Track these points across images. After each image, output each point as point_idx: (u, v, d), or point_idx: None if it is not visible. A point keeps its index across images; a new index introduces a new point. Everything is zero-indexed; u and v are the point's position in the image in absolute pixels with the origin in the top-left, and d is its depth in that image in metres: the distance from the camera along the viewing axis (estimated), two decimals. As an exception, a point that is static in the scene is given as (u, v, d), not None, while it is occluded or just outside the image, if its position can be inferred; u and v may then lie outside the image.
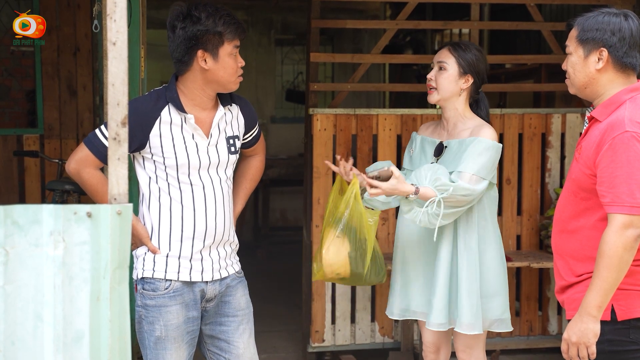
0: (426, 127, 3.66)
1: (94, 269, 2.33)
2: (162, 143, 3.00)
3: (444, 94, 3.46)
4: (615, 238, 2.55)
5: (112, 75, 2.34)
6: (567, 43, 2.80)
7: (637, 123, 2.59)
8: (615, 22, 2.69)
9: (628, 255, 2.56)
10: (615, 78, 2.71)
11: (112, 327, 2.35)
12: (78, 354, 2.33)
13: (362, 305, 5.15)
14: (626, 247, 2.55)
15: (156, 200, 3.06)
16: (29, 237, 2.29)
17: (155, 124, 3.00)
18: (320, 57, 5.12)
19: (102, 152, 2.96)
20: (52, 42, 6.27)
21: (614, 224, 2.56)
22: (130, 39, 4.10)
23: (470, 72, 3.45)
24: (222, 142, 3.12)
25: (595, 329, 2.60)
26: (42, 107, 6.33)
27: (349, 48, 10.21)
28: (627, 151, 2.56)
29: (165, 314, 3.04)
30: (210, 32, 2.96)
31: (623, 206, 2.55)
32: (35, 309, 2.31)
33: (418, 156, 3.57)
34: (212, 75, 3.01)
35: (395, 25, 5.24)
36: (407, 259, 3.59)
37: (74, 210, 2.30)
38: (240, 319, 3.20)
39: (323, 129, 4.96)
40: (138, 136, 2.97)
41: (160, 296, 3.04)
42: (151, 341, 3.06)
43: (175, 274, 3.05)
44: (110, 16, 2.33)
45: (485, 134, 3.37)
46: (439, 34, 9.90)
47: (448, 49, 3.49)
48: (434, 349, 3.63)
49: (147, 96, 3.09)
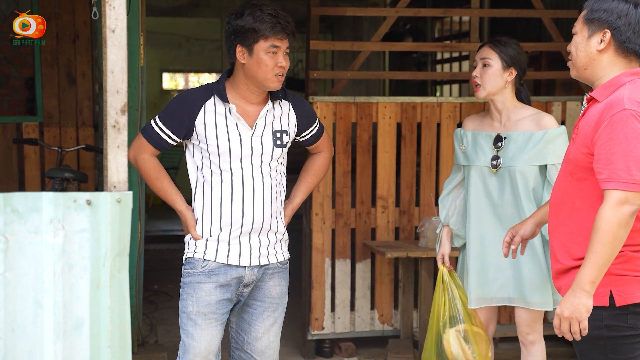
0: (471, 121, 3.76)
1: (93, 256, 2.33)
2: (206, 130, 3.13)
3: (490, 89, 3.59)
4: (611, 214, 2.55)
5: (111, 63, 2.33)
6: (575, 24, 2.79)
7: (637, 102, 2.59)
8: (624, 7, 2.70)
9: (623, 232, 2.56)
10: (616, 62, 2.72)
11: (112, 314, 2.35)
12: (78, 341, 2.34)
13: (361, 293, 5.16)
14: (621, 223, 2.55)
15: (201, 188, 3.19)
16: (28, 225, 2.29)
17: (200, 112, 3.13)
18: (320, 45, 5.11)
19: (154, 139, 3.17)
20: (51, 29, 6.24)
21: (610, 200, 2.57)
22: (129, 26, 4.07)
23: (514, 65, 3.59)
24: (268, 134, 3.20)
25: (587, 304, 2.59)
26: (42, 94, 6.31)
27: (348, 36, 10.19)
28: (625, 128, 2.56)
29: (199, 290, 3.15)
30: (247, 27, 3.07)
31: (619, 182, 2.55)
32: (35, 296, 2.31)
33: (473, 150, 3.67)
34: (248, 70, 3.12)
35: (395, 13, 5.23)
36: (486, 247, 3.67)
37: (73, 198, 2.30)
38: (267, 305, 3.29)
39: (323, 117, 4.96)
40: (185, 123, 3.13)
41: (195, 274, 3.17)
42: (184, 318, 3.18)
43: (213, 255, 3.17)
44: (110, 3, 2.32)
45: (549, 123, 3.55)
46: (439, 22, 9.88)
47: (489, 46, 3.64)
48: (485, 325, 3.74)
49: (197, 88, 3.27)
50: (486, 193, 3.62)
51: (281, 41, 3.10)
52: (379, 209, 5.10)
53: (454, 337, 3.71)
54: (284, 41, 3.10)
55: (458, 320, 3.71)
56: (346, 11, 5.26)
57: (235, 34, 3.10)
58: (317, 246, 5.03)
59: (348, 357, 5.10)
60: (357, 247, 5.12)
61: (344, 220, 5.07)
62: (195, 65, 13.14)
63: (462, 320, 3.71)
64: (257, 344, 3.30)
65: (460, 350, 3.70)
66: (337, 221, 5.05)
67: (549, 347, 5.20)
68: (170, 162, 11.30)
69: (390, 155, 5.09)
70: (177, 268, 3.47)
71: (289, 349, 5.22)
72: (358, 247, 5.11)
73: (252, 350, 3.31)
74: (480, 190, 3.63)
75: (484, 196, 3.62)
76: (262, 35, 3.06)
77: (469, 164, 3.68)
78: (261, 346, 3.31)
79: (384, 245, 4.91)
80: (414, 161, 5.15)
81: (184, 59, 12.92)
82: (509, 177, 3.55)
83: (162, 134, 3.16)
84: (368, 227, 5.11)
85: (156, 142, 3.18)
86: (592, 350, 2.70)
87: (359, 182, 5.10)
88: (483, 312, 3.72)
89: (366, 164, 5.10)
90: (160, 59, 12.47)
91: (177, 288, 3.30)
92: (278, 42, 3.09)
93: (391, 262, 5.13)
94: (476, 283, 3.66)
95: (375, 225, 5.11)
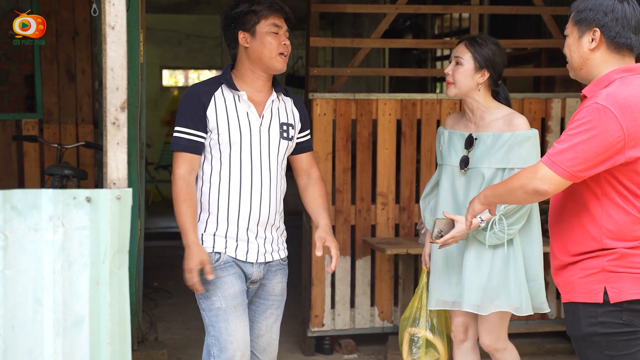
0: (451, 119, 3.70)
1: (93, 253, 2.33)
2: (218, 119, 3.12)
3: (461, 88, 3.51)
4: (524, 177, 2.69)
5: (111, 60, 2.33)
6: (566, 26, 2.81)
7: (613, 99, 2.60)
8: (609, 3, 2.71)
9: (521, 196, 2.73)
10: (609, 58, 2.73)
11: (112, 311, 2.35)
12: (78, 338, 2.34)
13: (361, 290, 5.16)
14: (523, 188, 2.69)
15: (208, 181, 3.15)
16: (28, 222, 2.29)
17: (211, 102, 3.13)
18: (320, 42, 5.10)
19: (185, 145, 3.10)
20: (51, 26, 6.24)
21: (533, 168, 2.67)
22: (129, 23, 4.06)
23: (487, 67, 3.49)
24: (275, 125, 3.21)
25: (475, 207, 2.94)
26: (41, 91, 6.31)
27: (348, 32, 10.18)
28: (586, 118, 2.60)
29: (221, 284, 3.10)
30: (245, 11, 3.13)
31: (549, 159, 2.63)
32: (35, 293, 2.31)
33: (447, 149, 3.62)
34: (253, 53, 3.14)
35: (395, 10, 5.22)
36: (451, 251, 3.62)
37: (73, 195, 2.30)
38: (270, 303, 3.29)
39: (323, 114, 4.96)
40: (200, 116, 3.11)
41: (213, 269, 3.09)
42: (212, 316, 3.12)
43: (222, 247, 3.14)
44: (109, 0, 2.32)
45: (519, 125, 3.44)
46: (439, 19, 9.87)
47: (465, 44, 3.54)
48: (463, 329, 3.69)
49: (202, 81, 3.27)
50: (453, 194, 3.56)
51: (280, 20, 3.15)
52: (379, 205, 5.10)
53: (407, 340, 3.75)
54: (282, 21, 3.16)
55: (416, 323, 3.72)
56: (346, 8, 5.26)
57: (235, 21, 3.14)
58: (317, 243, 5.02)
59: (348, 354, 5.10)
60: (357, 244, 5.11)
61: (344, 217, 5.06)
62: (195, 62, 13.14)
63: (418, 324, 3.70)
64: (259, 342, 3.30)
65: (407, 353, 3.75)
66: (337, 218, 5.05)
67: (549, 343, 5.23)
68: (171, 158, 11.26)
69: (390, 152, 5.09)
70: (177, 265, 3.46)
71: (289, 345, 5.23)
72: (358, 244, 5.11)
73: (254, 347, 3.29)
74: (448, 191, 3.58)
75: (451, 197, 3.56)
76: (262, 15, 3.12)
77: (443, 163, 3.63)
78: (263, 343, 3.30)
79: (384, 242, 4.91)
80: (413, 158, 5.15)
81: (184, 56, 12.92)
82: (475, 179, 3.48)
83: (189, 136, 3.10)
84: (368, 224, 5.11)
85: (188, 147, 3.10)
86: (588, 347, 2.72)
87: (358, 179, 5.10)
88: (459, 315, 3.65)
89: (366, 161, 5.10)
90: (160, 55, 12.47)
91: (177, 285, 3.31)
92: (278, 21, 3.15)
93: (391, 259, 5.13)
94: (437, 283, 3.61)
95: (375, 222, 5.11)
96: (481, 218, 3.37)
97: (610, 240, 2.68)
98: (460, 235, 3.37)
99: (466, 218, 3.04)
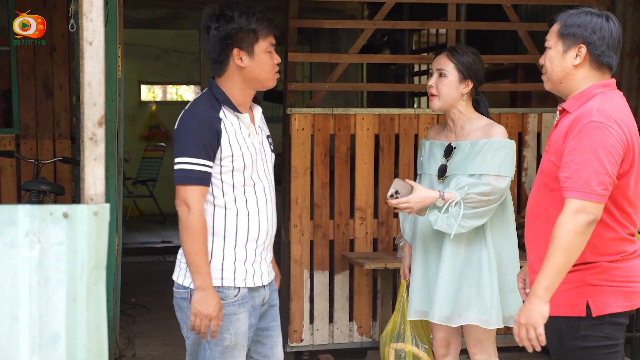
0: (433, 130, 3.72)
1: (70, 269, 2.31)
2: (232, 146, 2.95)
3: (446, 100, 3.52)
4: (567, 222, 2.58)
5: (89, 75, 2.32)
6: (547, 37, 2.82)
7: (605, 114, 2.63)
8: (597, 21, 2.73)
9: (578, 240, 2.58)
10: (590, 75, 2.75)
11: (89, 327, 2.33)
12: (54, 355, 2.32)
13: (340, 305, 5.16)
14: (576, 231, 2.57)
15: (221, 207, 2.98)
16: (4, 238, 2.27)
17: (223, 130, 2.95)
18: (298, 57, 5.12)
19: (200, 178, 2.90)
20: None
21: (568, 208, 2.60)
22: (107, 38, 4.08)
23: (470, 77, 3.51)
24: (265, 140, 3.13)
25: (542, 310, 2.59)
26: (18, 106, 6.26)
27: (326, 48, 10.21)
28: (590, 139, 2.60)
29: (236, 322, 2.97)
30: (244, 29, 2.95)
31: (578, 192, 2.58)
32: (10, 309, 2.29)
33: (427, 159, 3.64)
34: (249, 73, 3.00)
35: (372, 25, 5.25)
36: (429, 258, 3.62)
37: (50, 211, 2.29)
38: (276, 323, 3.20)
39: (301, 129, 4.97)
40: (213, 146, 2.92)
41: (229, 304, 2.95)
42: (216, 351, 2.97)
43: (242, 280, 2.98)
44: (87, 15, 2.32)
45: (496, 133, 3.46)
46: (416, 34, 9.92)
47: (446, 54, 3.54)
48: (444, 343, 3.67)
49: (201, 105, 3.01)
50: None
51: (275, 38, 3.04)
52: (357, 220, 5.11)
53: (392, 356, 3.75)
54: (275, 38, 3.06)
55: (400, 338, 3.72)
56: (324, 23, 5.28)
57: (231, 38, 2.95)
58: (296, 258, 5.02)
59: (327, 369, 5.09)
60: (335, 259, 5.12)
61: (322, 231, 5.07)
62: (174, 77, 13.12)
63: (402, 338, 3.71)
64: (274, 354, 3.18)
65: None
66: (316, 233, 5.06)
67: (527, 357, 5.24)
68: (149, 173, 11.25)
69: (368, 167, 5.11)
70: (155, 280, 3.45)
71: (268, 361, 5.21)
72: (336, 259, 5.11)
73: None
74: None
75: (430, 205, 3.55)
76: (262, 35, 2.97)
77: (422, 172, 3.66)
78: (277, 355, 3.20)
79: (363, 257, 4.92)
80: (392, 172, 5.17)
81: (162, 71, 12.89)
82: None
83: (202, 167, 2.90)
84: (346, 239, 5.11)
85: (203, 180, 2.91)
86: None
87: (337, 194, 5.11)
88: (441, 330, 3.65)
89: (344, 176, 5.11)
90: (138, 70, 12.43)
91: (155, 301, 3.28)
92: (273, 39, 3.03)
93: (369, 274, 5.13)
94: (416, 294, 3.62)
95: (354, 237, 5.12)
96: (443, 194, 3.40)
97: (592, 255, 2.69)
98: (416, 203, 3.38)
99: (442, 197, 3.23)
